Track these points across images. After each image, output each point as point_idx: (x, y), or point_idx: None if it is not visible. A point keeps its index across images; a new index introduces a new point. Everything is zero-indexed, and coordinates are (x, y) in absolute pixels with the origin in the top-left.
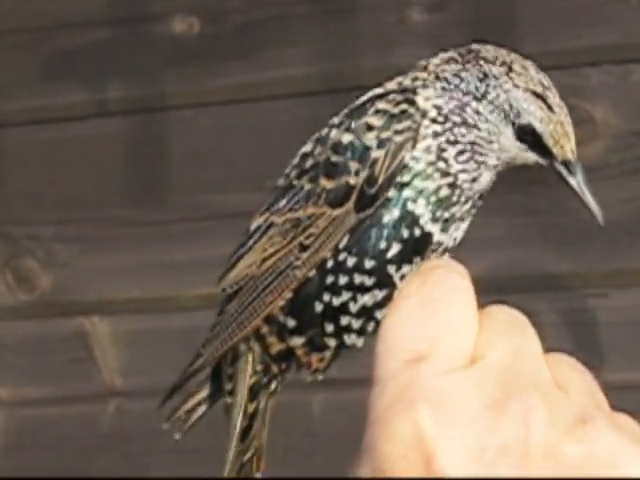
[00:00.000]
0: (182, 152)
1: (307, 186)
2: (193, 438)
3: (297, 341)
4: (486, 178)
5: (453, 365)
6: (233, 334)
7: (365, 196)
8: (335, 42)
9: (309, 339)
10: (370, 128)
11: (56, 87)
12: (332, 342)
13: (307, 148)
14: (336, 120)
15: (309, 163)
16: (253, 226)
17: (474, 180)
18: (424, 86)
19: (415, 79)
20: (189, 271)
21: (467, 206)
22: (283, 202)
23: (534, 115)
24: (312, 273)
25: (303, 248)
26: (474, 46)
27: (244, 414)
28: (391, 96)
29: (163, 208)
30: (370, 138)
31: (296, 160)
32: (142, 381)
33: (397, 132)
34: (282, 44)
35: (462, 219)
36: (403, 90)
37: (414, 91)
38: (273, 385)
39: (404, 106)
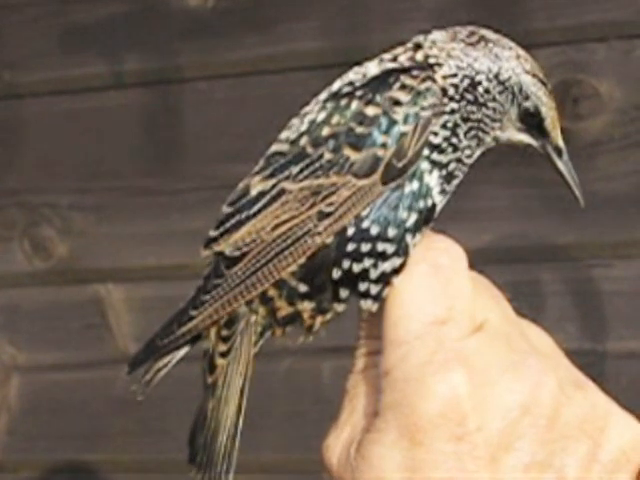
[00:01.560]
0: (197, 123)
1: (328, 155)
2: None
3: (307, 305)
4: (477, 155)
5: (469, 328)
6: (238, 297)
7: (393, 168)
8: (347, 17)
9: (318, 303)
10: (397, 103)
11: (74, 59)
12: (341, 307)
13: (318, 116)
14: (351, 90)
15: (325, 132)
16: (255, 191)
17: (471, 156)
18: (438, 64)
19: (427, 56)
20: (203, 239)
21: (458, 180)
22: (296, 169)
23: (541, 100)
24: (329, 240)
25: (324, 216)
26: (474, 28)
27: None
28: (415, 72)
29: (178, 178)
30: (398, 112)
31: (304, 127)
32: None
33: (423, 108)
34: (295, 18)
35: (449, 193)
36: (421, 66)
37: (431, 68)
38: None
39: (428, 83)
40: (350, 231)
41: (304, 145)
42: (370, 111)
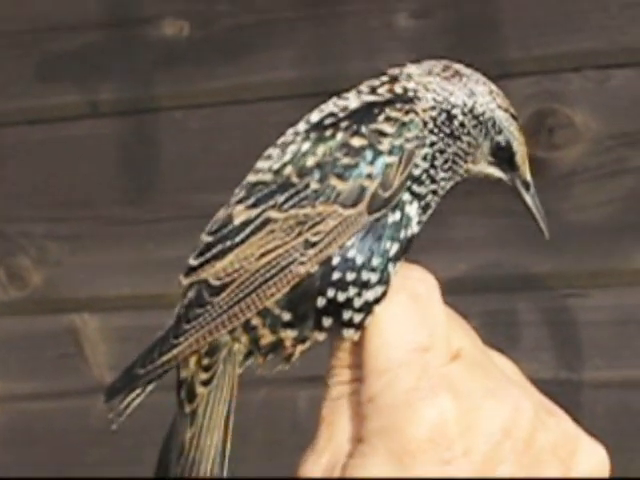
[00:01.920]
0: (173, 153)
1: (314, 185)
2: None
3: (290, 334)
4: (449, 187)
5: (448, 355)
6: (222, 326)
7: (378, 199)
8: (322, 46)
9: (300, 332)
10: (383, 134)
11: (50, 88)
12: (322, 336)
13: (302, 146)
14: (335, 122)
15: (311, 162)
16: (239, 220)
17: (444, 188)
18: (417, 97)
19: (406, 89)
20: (179, 269)
21: (432, 211)
22: (281, 199)
23: (513, 135)
24: (314, 269)
25: (310, 245)
26: (447, 62)
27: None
28: (398, 104)
29: (154, 207)
30: (383, 143)
31: (287, 157)
32: None
33: (408, 140)
34: (270, 48)
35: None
36: (403, 99)
37: (412, 101)
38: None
39: (412, 115)
40: (335, 260)
41: (289, 175)
42: (356, 142)
